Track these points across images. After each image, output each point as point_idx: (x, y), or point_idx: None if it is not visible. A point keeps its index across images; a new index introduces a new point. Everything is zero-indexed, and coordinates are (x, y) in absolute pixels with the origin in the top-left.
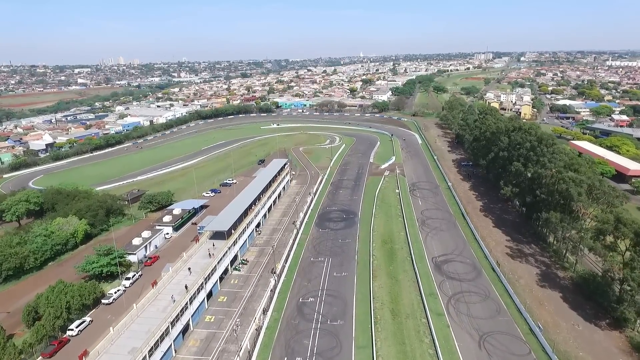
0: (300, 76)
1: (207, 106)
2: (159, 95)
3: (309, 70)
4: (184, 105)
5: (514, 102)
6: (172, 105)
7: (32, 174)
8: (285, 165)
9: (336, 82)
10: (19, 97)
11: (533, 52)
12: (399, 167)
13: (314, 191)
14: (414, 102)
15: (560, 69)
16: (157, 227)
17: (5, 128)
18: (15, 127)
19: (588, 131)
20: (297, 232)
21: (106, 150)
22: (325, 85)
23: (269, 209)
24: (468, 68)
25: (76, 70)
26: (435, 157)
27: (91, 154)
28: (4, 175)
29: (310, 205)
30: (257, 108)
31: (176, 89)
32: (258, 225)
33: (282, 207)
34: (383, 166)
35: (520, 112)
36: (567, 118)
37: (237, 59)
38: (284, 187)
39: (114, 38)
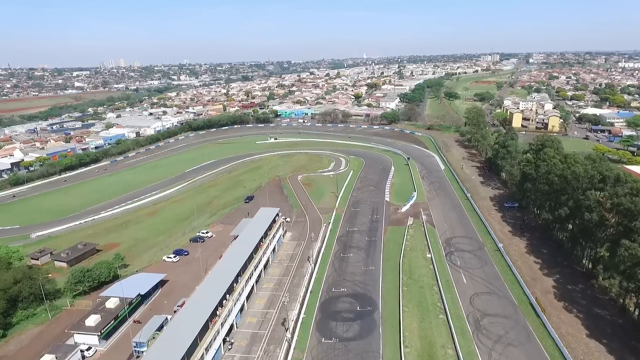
0: (302, 80)
1: (201, 114)
2: (155, 100)
3: (311, 73)
4: (177, 112)
5: (535, 110)
6: (165, 112)
7: None
8: (276, 217)
9: (340, 86)
10: (13, 101)
11: (540, 54)
12: (424, 208)
13: (315, 255)
14: (425, 110)
15: (573, 72)
16: (73, 341)
17: None
18: None
19: (636, 149)
20: (289, 346)
21: (78, 171)
22: (328, 90)
23: (250, 293)
24: (476, 70)
25: (75, 74)
26: (467, 194)
27: (59, 176)
28: None
29: (308, 285)
30: (254, 117)
31: (173, 94)
32: (230, 330)
33: (269, 287)
34: (404, 208)
35: (547, 124)
36: (602, 131)
37: (239, 61)
38: (274, 249)
39: (115, 40)
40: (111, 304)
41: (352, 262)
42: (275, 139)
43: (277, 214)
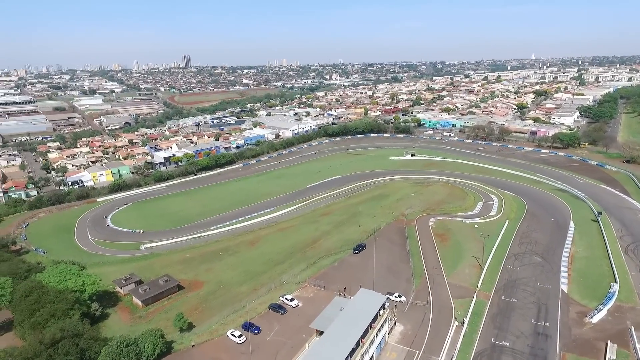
0: (454, 83)
1: (342, 117)
2: (304, 99)
3: (466, 76)
4: (319, 114)
5: None
6: (308, 114)
7: (124, 199)
8: (381, 309)
9: (499, 92)
10: (194, 95)
11: None
12: (637, 324)
13: None
14: (619, 131)
15: None
16: None
17: (161, 129)
18: (169, 128)
19: None
20: None
21: (211, 173)
22: (484, 96)
23: None
24: None
25: (245, 71)
26: None
27: (195, 176)
28: (99, 199)
29: None
30: (393, 126)
31: (322, 93)
32: None
33: None
34: (596, 316)
35: None
36: None
37: (390, 61)
38: (371, 358)
39: (280, 42)
40: None
41: None
42: (413, 155)
43: (383, 305)
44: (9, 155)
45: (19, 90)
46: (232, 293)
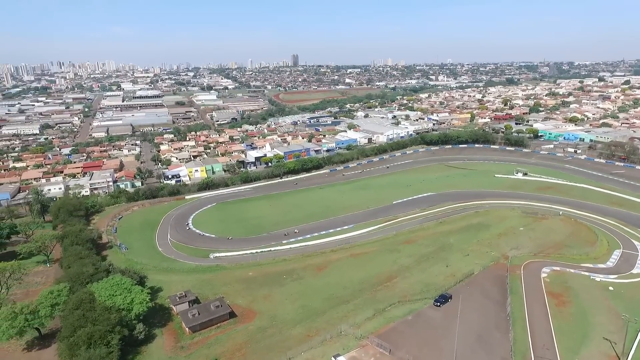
0: (584, 87)
1: (444, 122)
2: (405, 100)
3: (600, 79)
4: (418, 118)
5: None
6: (407, 117)
7: (210, 199)
8: None
9: None
10: (298, 93)
11: None
12: None
13: None
14: None
15: None
16: None
17: (261, 126)
18: (269, 126)
19: None
20: None
21: (297, 177)
22: (624, 105)
23: None
24: None
25: (348, 71)
26: None
27: (280, 180)
28: (187, 197)
29: None
30: (503, 137)
31: (425, 95)
32: None
33: None
34: None
35: None
36: None
37: (506, 61)
38: None
39: (387, 40)
40: None
41: None
42: (525, 174)
43: None
44: (132, 144)
45: (152, 85)
46: (283, 335)
